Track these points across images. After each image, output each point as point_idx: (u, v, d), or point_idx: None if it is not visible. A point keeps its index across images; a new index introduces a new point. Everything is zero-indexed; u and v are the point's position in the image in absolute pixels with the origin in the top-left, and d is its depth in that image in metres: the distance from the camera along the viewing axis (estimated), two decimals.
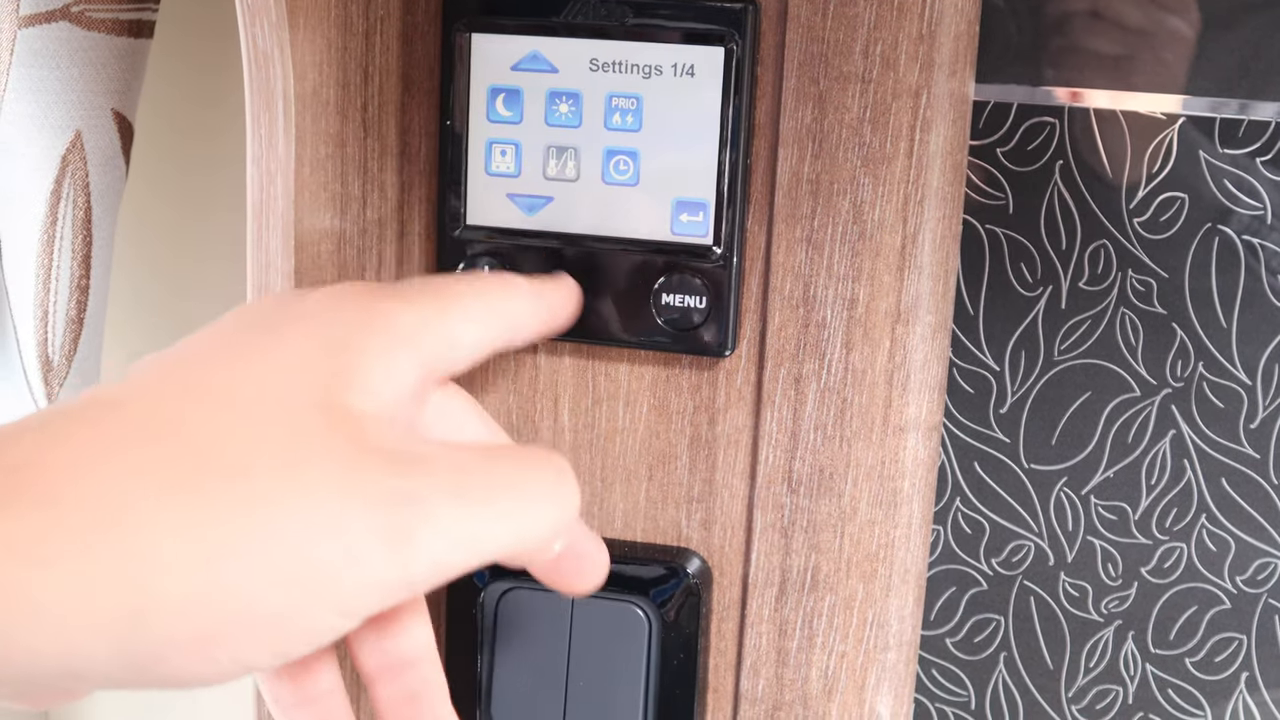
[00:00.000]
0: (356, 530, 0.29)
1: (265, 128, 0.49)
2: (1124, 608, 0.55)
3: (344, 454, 0.29)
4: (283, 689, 0.36)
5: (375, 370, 0.32)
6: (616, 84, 0.51)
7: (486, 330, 0.37)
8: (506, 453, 0.33)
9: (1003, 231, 0.54)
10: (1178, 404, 0.53)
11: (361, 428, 0.30)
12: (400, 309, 0.34)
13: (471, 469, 0.31)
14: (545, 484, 0.33)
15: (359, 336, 0.32)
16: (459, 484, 0.31)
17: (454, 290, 0.37)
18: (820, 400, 0.52)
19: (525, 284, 0.42)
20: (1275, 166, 0.51)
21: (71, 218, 0.56)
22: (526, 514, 0.32)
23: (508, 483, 0.32)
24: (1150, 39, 0.51)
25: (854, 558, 0.53)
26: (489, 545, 0.31)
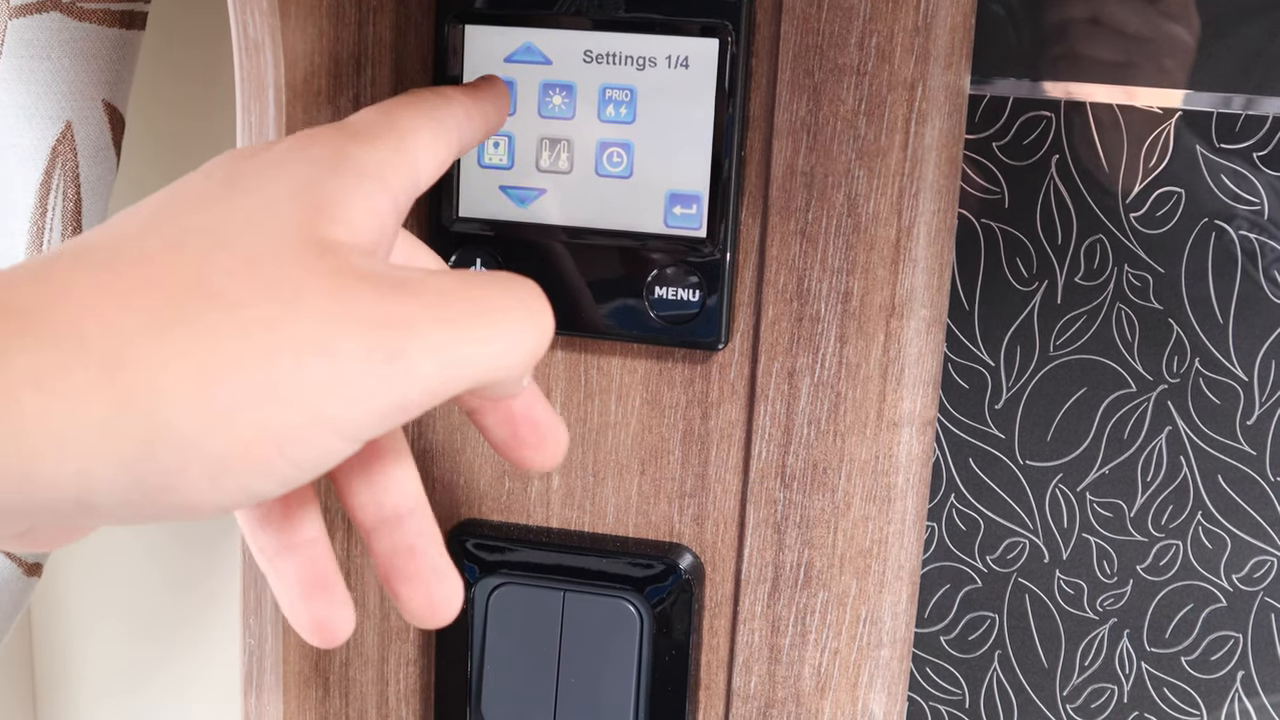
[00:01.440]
0: (350, 350, 0.30)
1: (256, 116, 0.49)
2: (1119, 606, 0.55)
3: (332, 280, 0.30)
4: (267, 537, 0.37)
5: (354, 205, 0.33)
6: (610, 76, 0.51)
7: (443, 153, 0.39)
8: (485, 277, 0.34)
9: (998, 226, 0.53)
10: (1174, 400, 0.53)
11: (347, 257, 0.31)
12: (365, 149, 0.35)
13: (453, 292, 0.32)
14: (524, 306, 0.34)
15: (333, 176, 0.34)
16: (444, 306, 0.31)
17: (408, 123, 0.38)
18: (814, 394, 0.52)
19: (463, 96, 0.43)
20: (1272, 163, 0.51)
21: (61, 209, 0.56)
22: (506, 336, 0.33)
23: (488, 305, 0.33)
24: (1150, 42, 0.51)
25: (847, 554, 0.52)
26: (475, 366, 0.32)
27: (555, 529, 0.55)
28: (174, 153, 0.74)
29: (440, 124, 0.39)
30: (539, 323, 0.34)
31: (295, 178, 0.33)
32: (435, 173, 0.39)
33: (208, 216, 0.32)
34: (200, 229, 0.31)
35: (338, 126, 0.36)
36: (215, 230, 0.31)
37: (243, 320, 0.29)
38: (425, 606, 0.37)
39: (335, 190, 0.33)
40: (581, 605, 0.54)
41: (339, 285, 0.30)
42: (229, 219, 0.32)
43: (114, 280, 0.29)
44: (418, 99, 0.40)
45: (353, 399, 0.30)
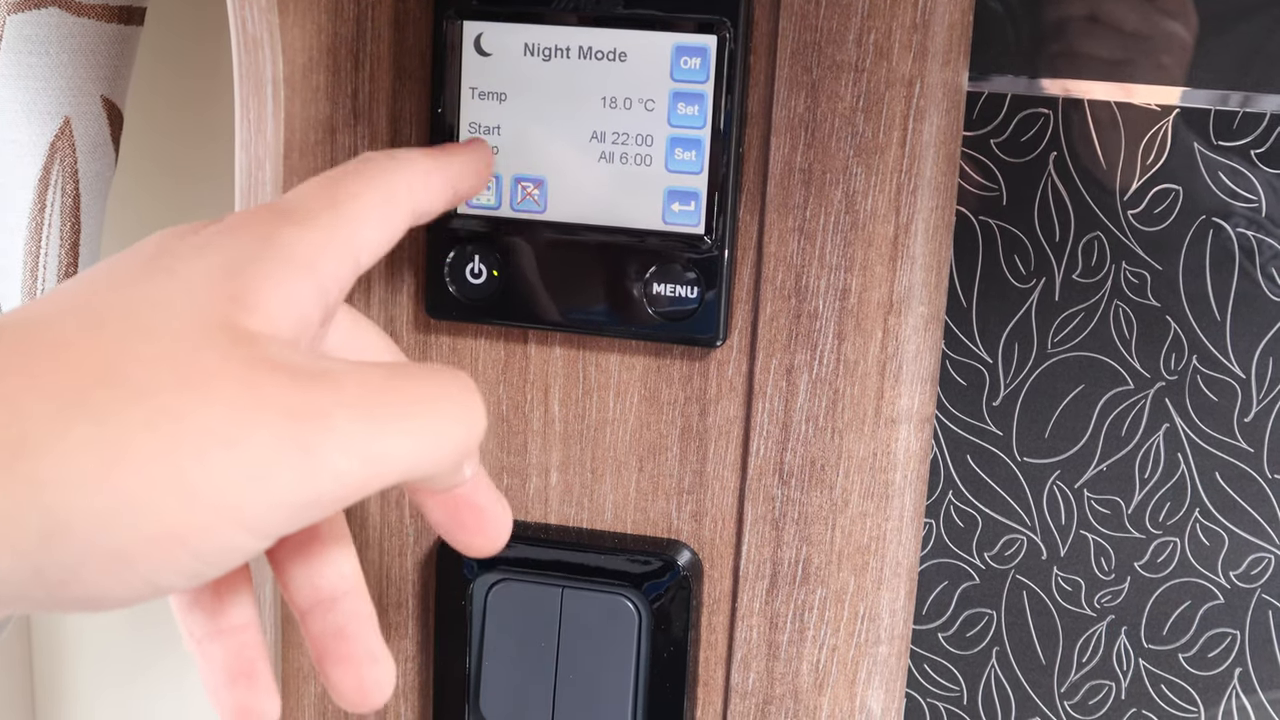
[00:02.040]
0: (259, 444, 0.29)
1: (254, 112, 0.49)
2: (1117, 602, 0.55)
3: (246, 372, 0.30)
4: (196, 621, 0.36)
5: (273, 297, 0.32)
6: (608, 72, 0.51)
7: (389, 226, 0.37)
8: (413, 369, 0.33)
9: (996, 223, 0.53)
10: (1171, 397, 0.53)
11: (263, 347, 0.30)
12: (295, 233, 0.34)
13: (377, 385, 0.31)
14: (452, 401, 0.33)
15: (253, 263, 0.32)
16: (365, 399, 0.31)
17: (351, 194, 0.36)
18: (812, 391, 0.52)
19: (422, 159, 0.41)
20: (1270, 160, 0.51)
21: (60, 205, 0.56)
22: (434, 431, 0.32)
23: (414, 399, 0.32)
24: (1147, 39, 0.51)
25: (845, 550, 0.52)
26: (396, 462, 0.31)
27: (553, 525, 0.55)
28: (172, 148, 0.74)
29: (388, 194, 0.38)
30: (467, 418, 0.33)
31: (217, 263, 0.32)
32: (382, 247, 0.37)
33: (128, 298, 0.31)
34: (118, 311, 0.30)
35: (274, 206, 0.35)
36: (133, 314, 0.30)
37: (149, 410, 0.28)
38: (356, 690, 0.37)
39: (254, 277, 0.32)
40: (580, 602, 0.54)
41: (252, 376, 0.30)
42: (148, 302, 0.31)
43: (27, 363, 0.28)
44: (366, 167, 0.38)
45: (261, 494, 0.29)
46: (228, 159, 0.54)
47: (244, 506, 0.29)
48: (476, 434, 0.34)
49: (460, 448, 0.33)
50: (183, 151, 0.74)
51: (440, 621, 0.55)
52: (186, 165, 0.74)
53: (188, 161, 0.74)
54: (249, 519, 0.29)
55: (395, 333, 0.54)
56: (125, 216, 0.73)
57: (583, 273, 0.52)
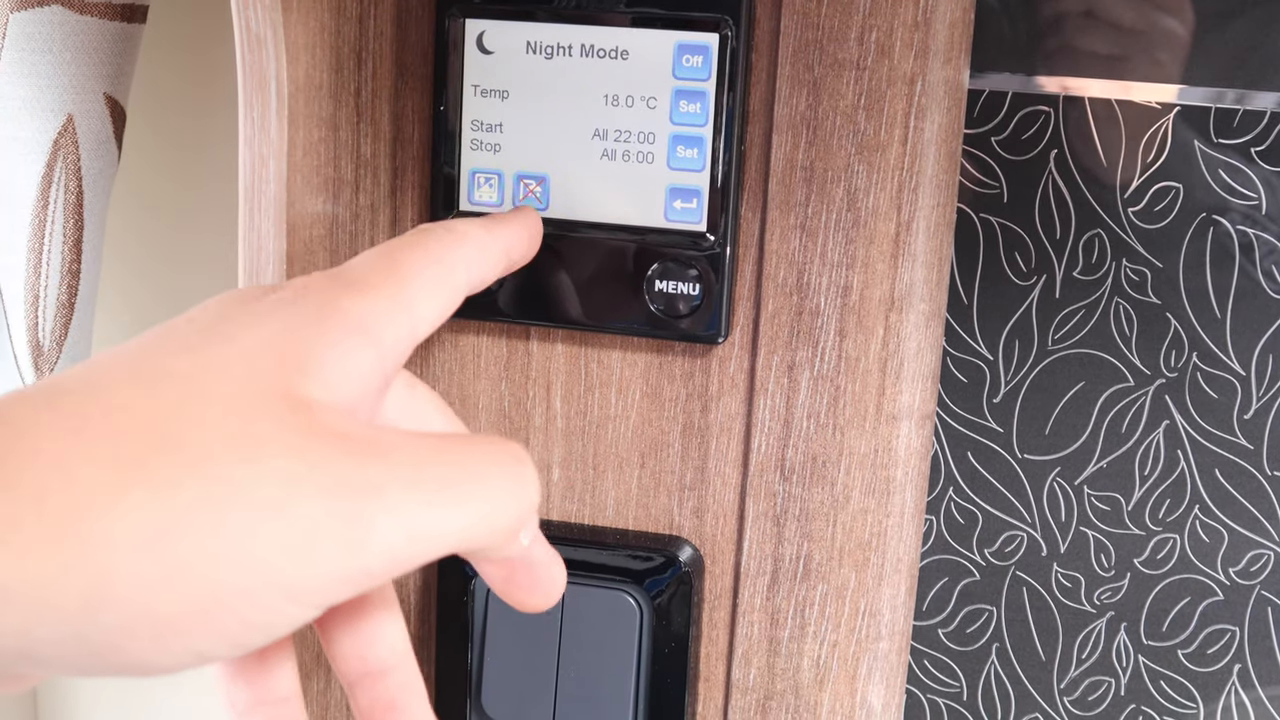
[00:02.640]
0: (312, 517, 0.29)
1: (258, 110, 0.49)
2: (1117, 599, 0.55)
3: (300, 441, 0.29)
4: (239, 691, 0.36)
5: (331, 362, 0.32)
6: (610, 70, 0.51)
7: (447, 297, 0.38)
8: (465, 441, 0.33)
9: (997, 220, 0.53)
10: (1171, 394, 0.53)
11: (318, 416, 0.30)
12: (357, 302, 0.34)
13: (429, 457, 0.31)
14: (504, 473, 0.33)
15: (315, 330, 0.32)
16: (416, 472, 0.30)
17: (410, 265, 0.36)
18: (813, 388, 0.52)
19: (477, 231, 0.41)
20: (1270, 157, 0.51)
21: (63, 202, 0.56)
22: (485, 504, 0.32)
23: (466, 472, 0.32)
24: (1145, 36, 0.51)
25: (846, 546, 0.53)
26: (447, 536, 0.31)
27: (555, 521, 0.55)
28: (175, 146, 0.74)
29: (447, 267, 0.38)
30: (520, 490, 0.33)
31: (278, 329, 0.32)
32: (439, 318, 0.37)
33: (185, 363, 0.31)
34: (176, 375, 0.30)
35: (335, 274, 0.35)
36: (191, 378, 0.30)
37: (205, 477, 0.28)
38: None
39: (315, 345, 0.32)
40: (581, 597, 0.54)
41: (307, 445, 0.29)
42: (206, 368, 0.31)
43: (82, 427, 0.28)
44: (424, 239, 0.38)
45: (310, 566, 0.29)
46: (231, 156, 0.54)
47: (292, 577, 0.29)
48: (529, 505, 0.33)
49: (513, 520, 0.33)
50: (186, 148, 0.74)
51: (442, 617, 0.55)
52: (190, 162, 0.74)
53: (191, 158, 0.74)
54: (298, 590, 0.29)
55: None
56: (128, 213, 0.73)
57: (585, 270, 0.52)
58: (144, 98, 0.69)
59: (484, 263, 0.41)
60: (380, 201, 0.54)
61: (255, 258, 0.50)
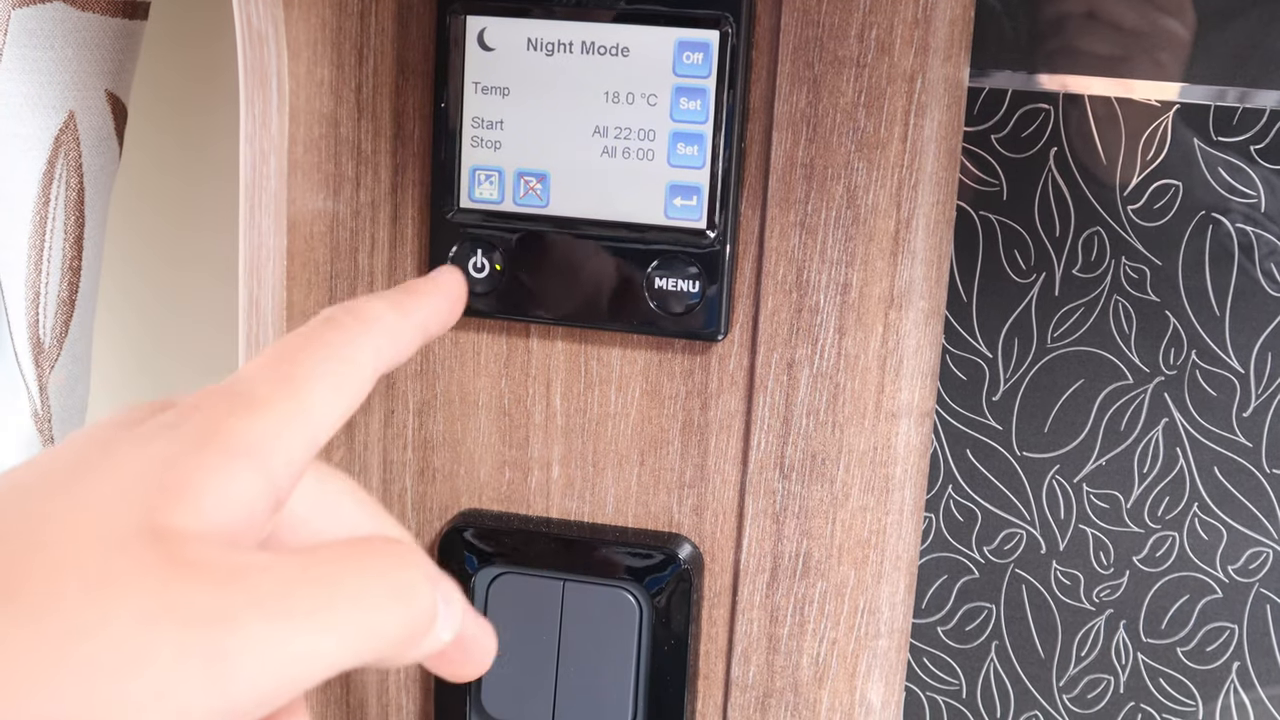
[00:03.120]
0: (166, 657, 0.26)
1: (259, 106, 0.49)
2: (1116, 596, 0.55)
3: (158, 574, 0.27)
4: None
5: (209, 490, 0.30)
6: (611, 67, 0.51)
7: (351, 396, 0.34)
8: (343, 555, 0.30)
9: (996, 218, 0.53)
10: (1170, 392, 0.53)
11: (182, 547, 0.28)
12: (245, 423, 0.31)
13: (297, 577, 0.29)
14: (383, 586, 0.30)
15: (194, 456, 0.30)
16: (279, 600, 0.28)
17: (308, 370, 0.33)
18: (813, 385, 0.52)
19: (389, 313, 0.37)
20: (1269, 156, 0.51)
21: (64, 199, 0.56)
22: (360, 622, 0.29)
23: (337, 591, 0.29)
24: (1146, 35, 0.51)
25: (845, 544, 0.53)
26: (318, 660, 0.28)
27: (555, 519, 0.55)
28: (177, 143, 0.74)
29: (350, 364, 0.35)
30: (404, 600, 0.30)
31: (154, 456, 0.30)
32: (343, 418, 0.34)
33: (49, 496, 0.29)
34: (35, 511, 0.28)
35: (226, 390, 0.32)
36: (48, 514, 0.28)
37: (51, 625, 0.26)
38: None
39: (192, 473, 0.29)
40: (581, 595, 0.54)
41: (164, 579, 0.27)
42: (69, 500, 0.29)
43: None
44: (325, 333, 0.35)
45: (170, 712, 0.26)
46: (232, 152, 0.54)
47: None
48: (420, 614, 0.31)
49: (401, 632, 0.30)
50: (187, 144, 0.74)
51: None
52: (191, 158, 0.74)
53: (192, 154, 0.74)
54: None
55: None
56: (129, 210, 0.73)
57: (585, 267, 0.52)
58: (146, 95, 0.69)
59: (394, 347, 0.37)
60: (381, 198, 0.54)
61: (256, 254, 0.50)
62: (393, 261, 0.54)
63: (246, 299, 0.51)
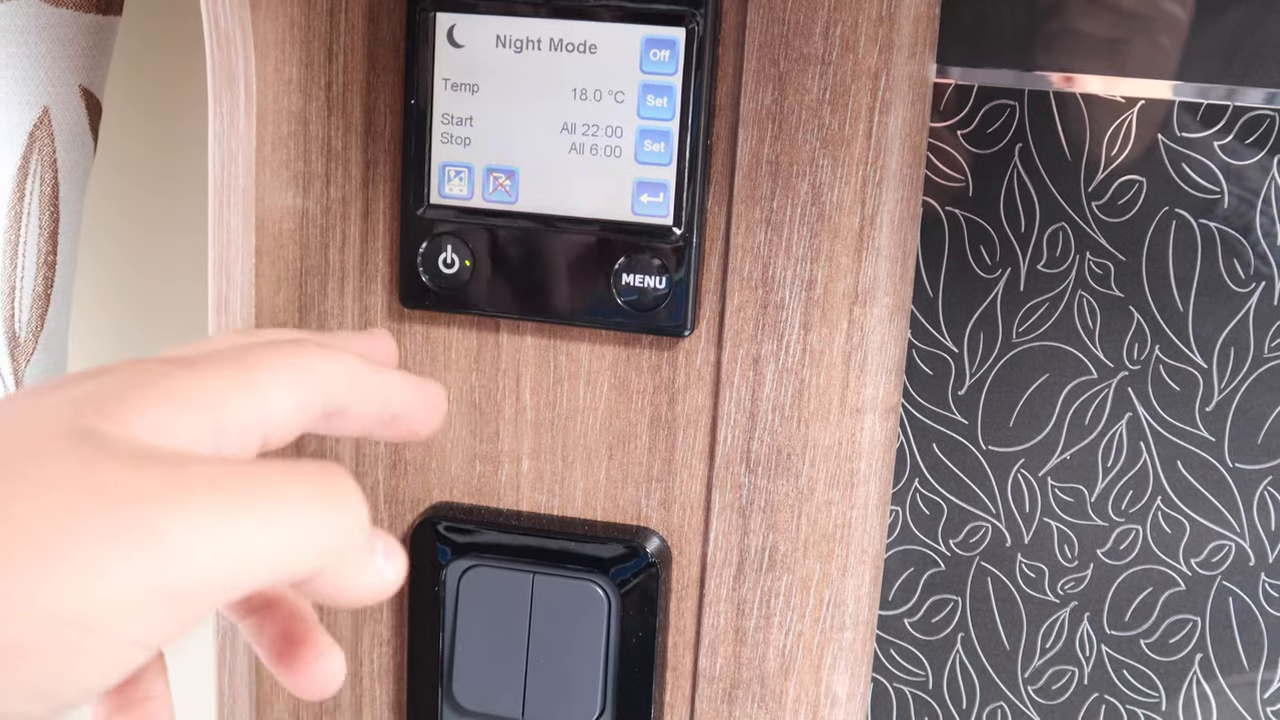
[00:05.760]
0: (92, 532, 0.26)
1: (227, 106, 0.50)
2: (1080, 589, 0.56)
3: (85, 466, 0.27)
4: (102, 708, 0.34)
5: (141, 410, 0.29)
6: (578, 63, 0.51)
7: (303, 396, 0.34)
8: (272, 462, 0.30)
9: (962, 213, 0.54)
10: (1134, 386, 0.54)
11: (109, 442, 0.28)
12: (194, 380, 0.31)
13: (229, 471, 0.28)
14: (313, 487, 0.30)
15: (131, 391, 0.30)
16: (211, 483, 0.28)
17: (263, 360, 0.33)
18: (778, 381, 0.52)
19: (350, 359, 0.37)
20: (1233, 152, 0.51)
21: (39, 194, 0.56)
22: (295, 518, 0.29)
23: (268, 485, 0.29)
24: (1112, 32, 0.51)
25: (811, 538, 0.53)
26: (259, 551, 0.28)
27: (525, 512, 0.56)
28: (151, 137, 0.74)
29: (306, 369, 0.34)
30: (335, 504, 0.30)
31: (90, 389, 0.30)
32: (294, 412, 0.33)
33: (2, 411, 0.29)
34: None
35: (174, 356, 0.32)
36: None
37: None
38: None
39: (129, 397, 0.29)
40: (551, 587, 0.54)
41: (90, 469, 0.27)
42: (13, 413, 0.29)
43: None
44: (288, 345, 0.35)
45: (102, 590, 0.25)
46: (206, 147, 0.54)
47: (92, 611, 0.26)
48: (350, 521, 0.30)
49: (337, 537, 0.30)
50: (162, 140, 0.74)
51: (414, 606, 0.56)
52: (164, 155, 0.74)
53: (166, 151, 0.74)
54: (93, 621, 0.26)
55: (370, 322, 0.55)
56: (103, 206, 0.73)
57: (553, 263, 0.52)
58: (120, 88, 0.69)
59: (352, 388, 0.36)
60: (352, 195, 0.54)
61: (225, 253, 0.51)
62: (364, 257, 0.55)
63: (215, 297, 0.51)
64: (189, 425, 0.30)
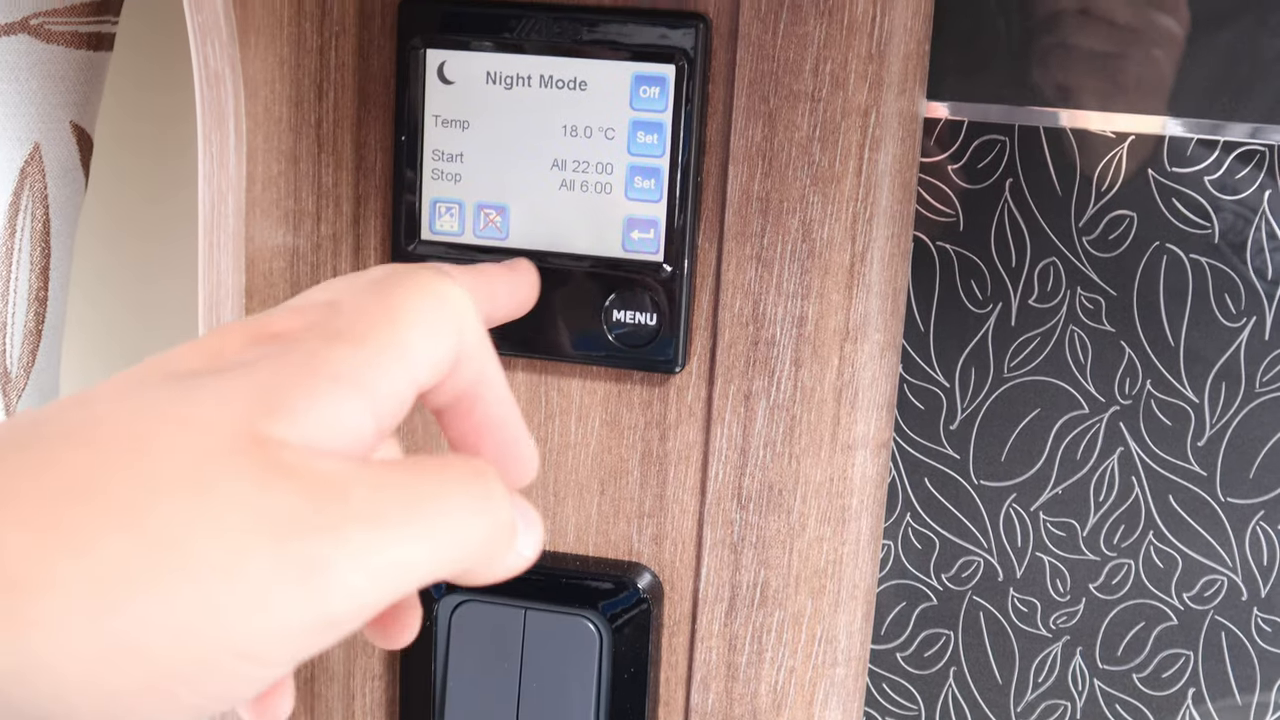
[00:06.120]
0: (266, 569, 0.26)
1: (217, 146, 0.50)
2: (1072, 623, 0.56)
3: (254, 483, 0.27)
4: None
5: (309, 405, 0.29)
6: (569, 100, 0.51)
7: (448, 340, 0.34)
8: (425, 467, 0.30)
9: (953, 248, 0.54)
10: (1126, 421, 0.54)
11: (278, 452, 0.28)
12: (349, 353, 0.31)
13: (388, 485, 0.29)
14: (466, 493, 0.30)
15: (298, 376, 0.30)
16: (375, 504, 0.28)
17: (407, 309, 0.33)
18: (770, 417, 0.52)
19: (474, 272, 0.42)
20: (1223, 187, 0.51)
21: (30, 230, 0.56)
22: (449, 529, 0.30)
23: (425, 497, 0.29)
24: (1103, 67, 0.51)
25: (803, 573, 0.53)
26: (413, 570, 0.29)
27: None
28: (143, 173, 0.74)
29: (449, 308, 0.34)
30: (485, 506, 0.31)
31: (258, 376, 0.29)
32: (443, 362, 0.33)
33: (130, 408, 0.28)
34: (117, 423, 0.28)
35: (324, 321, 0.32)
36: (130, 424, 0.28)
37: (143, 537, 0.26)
38: None
39: (293, 389, 0.29)
40: (542, 622, 0.54)
41: (261, 486, 0.27)
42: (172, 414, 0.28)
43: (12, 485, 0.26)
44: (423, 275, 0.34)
45: (267, 624, 0.26)
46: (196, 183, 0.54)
47: (249, 639, 0.26)
48: (499, 522, 0.31)
49: (483, 539, 0.31)
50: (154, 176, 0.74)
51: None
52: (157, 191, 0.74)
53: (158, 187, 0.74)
54: (255, 651, 0.27)
55: None
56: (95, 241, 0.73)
57: (544, 299, 0.52)
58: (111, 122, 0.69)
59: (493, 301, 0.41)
60: (343, 231, 0.54)
61: (214, 293, 0.51)
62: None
63: None
64: (352, 411, 0.30)
